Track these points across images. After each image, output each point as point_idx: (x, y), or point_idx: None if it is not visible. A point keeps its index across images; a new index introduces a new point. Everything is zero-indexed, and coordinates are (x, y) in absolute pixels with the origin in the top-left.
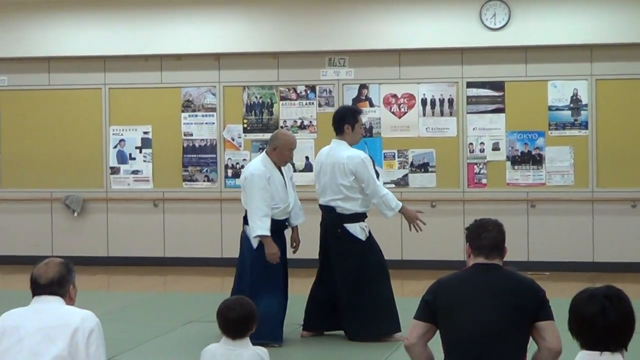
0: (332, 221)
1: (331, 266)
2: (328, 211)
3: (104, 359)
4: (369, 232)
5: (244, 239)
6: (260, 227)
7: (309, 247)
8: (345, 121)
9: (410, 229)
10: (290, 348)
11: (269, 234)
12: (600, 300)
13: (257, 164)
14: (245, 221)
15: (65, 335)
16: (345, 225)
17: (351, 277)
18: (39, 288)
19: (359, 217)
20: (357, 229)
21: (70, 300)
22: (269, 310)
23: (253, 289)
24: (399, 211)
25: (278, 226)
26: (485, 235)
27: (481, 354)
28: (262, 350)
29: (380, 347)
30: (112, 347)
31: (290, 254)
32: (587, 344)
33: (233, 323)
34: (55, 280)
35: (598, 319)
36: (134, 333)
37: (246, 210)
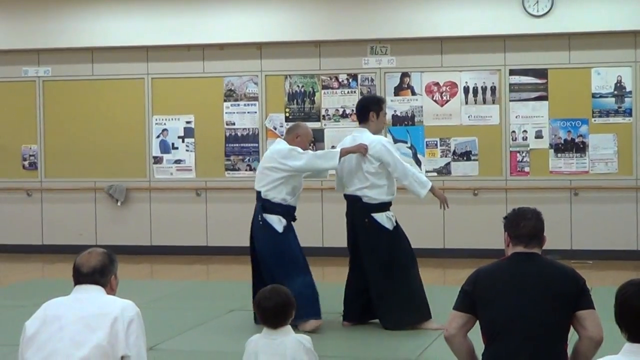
0: (359, 211)
1: (361, 256)
2: (354, 201)
3: (144, 348)
4: (396, 222)
5: (262, 227)
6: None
7: (343, 235)
8: (370, 109)
9: (441, 207)
10: (330, 338)
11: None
12: None
13: (286, 144)
14: (264, 209)
15: (106, 324)
16: (373, 215)
17: (381, 267)
18: (81, 276)
19: (385, 206)
20: (384, 219)
21: (111, 291)
22: (305, 289)
23: (285, 272)
24: (429, 190)
25: (292, 212)
26: (525, 224)
27: (522, 344)
28: (304, 338)
29: (420, 337)
30: (154, 335)
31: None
32: (637, 337)
33: (271, 312)
34: (98, 269)
35: None
36: (177, 321)
37: (262, 197)
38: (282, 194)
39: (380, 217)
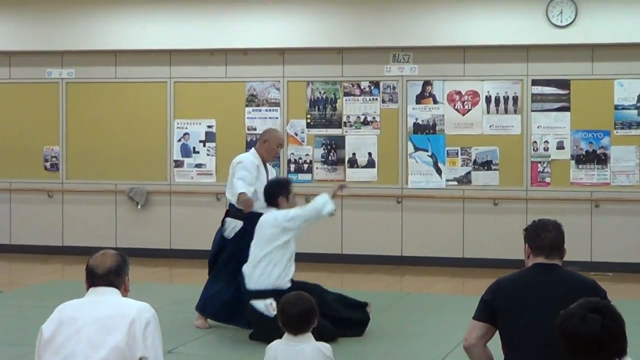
0: None
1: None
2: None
3: (161, 350)
4: None
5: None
6: (243, 188)
7: (362, 242)
8: (280, 193)
9: (340, 190)
10: (348, 346)
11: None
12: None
13: (248, 155)
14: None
15: (123, 326)
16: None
17: None
18: (96, 278)
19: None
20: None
21: (125, 292)
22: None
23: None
24: (331, 198)
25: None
26: (545, 235)
27: (542, 355)
28: (324, 346)
29: (439, 345)
30: (173, 338)
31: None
32: None
33: (294, 318)
34: (113, 270)
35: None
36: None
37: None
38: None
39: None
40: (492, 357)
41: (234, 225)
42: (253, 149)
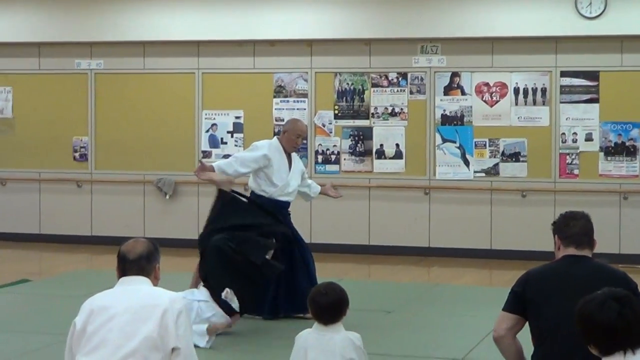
0: None
1: None
2: None
3: (192, 340)
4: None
5: None
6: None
7: (389, 233)
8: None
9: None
10: (377, 335)
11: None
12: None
13: (264, 141)
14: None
15: (155, 316)
16: None
17: None
18: (127, 263)
19: None
20: None
21: (155, 280)
22: None
23: None
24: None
25: (278, 206)
26: (574, 224)
27: (572, 346)
28: (354, 335)
29: (467, 337)
30: None
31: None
32: (608, 350)
33: (325, 308)
34: (144, 256)
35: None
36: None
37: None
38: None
39: None
40: (521, 349)
41: None
42: (276, 137)
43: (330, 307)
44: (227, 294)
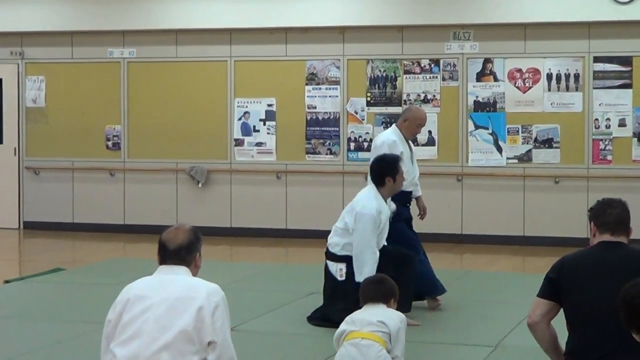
0: None
1: None
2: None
3: (229, 333)
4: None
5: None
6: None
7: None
8: (386, 174)
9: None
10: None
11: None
12: None
13: (389, 134)
14: None
15: (192, 308)
16: None
17: None
18: (167, 253)
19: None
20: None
21: (195, 269)
22: None
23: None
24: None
25: (407, 198)
26: (611, 211)
27: (607, 333)
28: (401, 315)
29: (501, 323)
30: (234, 316)
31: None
32: None
33: (373, 295)
34: (184, 246)
35: None
36: (256, 303)
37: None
38: None
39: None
40: (556, 335)
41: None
42: (394, 125)
43: (378, 296)
44: None
